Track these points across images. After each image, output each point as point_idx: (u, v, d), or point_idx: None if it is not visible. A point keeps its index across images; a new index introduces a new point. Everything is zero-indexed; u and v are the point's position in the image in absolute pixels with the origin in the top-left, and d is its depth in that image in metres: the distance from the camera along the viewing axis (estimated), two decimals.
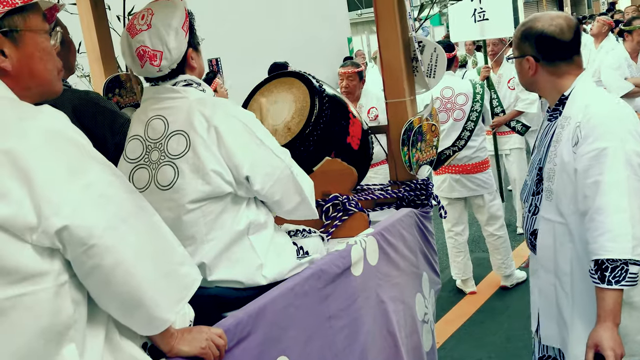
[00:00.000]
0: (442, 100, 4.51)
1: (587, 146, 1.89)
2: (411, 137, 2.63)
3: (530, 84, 2.15)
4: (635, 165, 1.86)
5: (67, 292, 1.24)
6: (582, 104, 1.96)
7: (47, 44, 1.38)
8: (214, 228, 1.85)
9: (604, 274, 1.82)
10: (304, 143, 2.36)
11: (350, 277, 2.17)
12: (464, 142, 4.46)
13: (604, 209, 1.83)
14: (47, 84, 1.39)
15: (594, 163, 1.87)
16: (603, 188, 1.84)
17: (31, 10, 1.35)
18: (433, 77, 2.73)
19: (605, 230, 1.82)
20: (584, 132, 1.91)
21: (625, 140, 1.87)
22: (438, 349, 3.88)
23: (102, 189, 1.26)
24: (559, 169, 1.99)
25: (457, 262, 4.76)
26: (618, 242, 1.80)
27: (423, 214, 2.70)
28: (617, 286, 1.81)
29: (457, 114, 4.49)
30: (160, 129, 1.88)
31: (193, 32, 1.96)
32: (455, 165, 4.56)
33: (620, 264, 1.80)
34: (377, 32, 2.67)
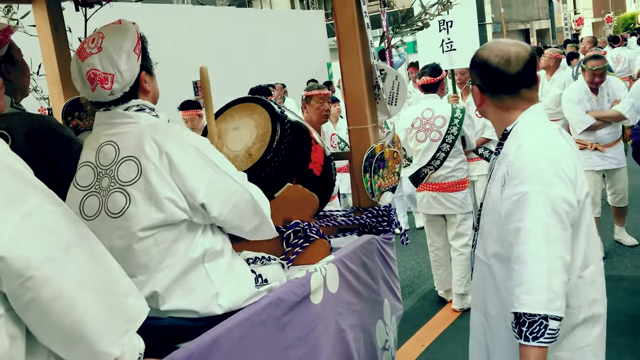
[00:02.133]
0: (422, 121, 4.73)
1: (510, 189, 1.79)
2: (373, 164, 2.63)
3: (482, 113, 2.05)
4: (562, 212, 1.74)
5: (3, 327, 1.19)
6: (517, 142, 1.85)
7: None
8: (168, 256, 1.81)
9: (521, 329, 1.71)
10: (265, 169, 2.34)
11: (309, 305, 2.14)
12: (440, 162, 4.66)
13: (522, 258, 1.73)
14: None
15: (514, 208, 1.77)
16: (522, 236, 1.73)
17: None
18: (395, 105, 2.75)
19: (522, 281, 1.71)
20: (511, 173, 1.81)
21: (551, 185, 1.75)
22: (423, 351, 4.12)
23: (41, 218, 1.21)
24: (489, 208, 1.92)
25: (438, 274, 5.02)
26: (533, 294, 1.69)
27: (385, 241, 2.70)
28: (535, 343, 1.69)
29: (434, 135, 4.68)
30: (111, 155, 1.84)
31: (146, 56, 1.93)
32: (432, 183, 4.74)
33: (539, 318, 1.68)
34: (339, 61, 2.69)
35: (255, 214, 1.93)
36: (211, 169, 1.84)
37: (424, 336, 4.44)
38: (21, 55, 2.32)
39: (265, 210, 1.96)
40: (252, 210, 1.92)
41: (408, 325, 4.56)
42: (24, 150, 2.10)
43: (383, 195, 2.74)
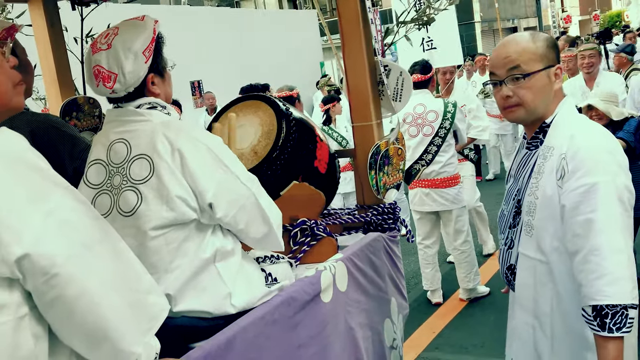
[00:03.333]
0: (413, 116, 4.75)
1: (575, 181, 1.74)
2: (378, 161, 2.62)
3: (545, 102, 1.90)
4: (626, 201, 1.73)
5: (27, 326, 1.16)
6: (567, 133, 1.82)
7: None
8: (178, 256, 1.78)
9: (604, 321, 1.67)
10: (271, 167, 2.32)
11: (320, 304, 2.12)
12: (432, 156, 4.65)
13: (600, 250, 1.68)
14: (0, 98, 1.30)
15: (584, 199, 1.72)
16: (597, 226, 1.69)
17: None
18: (399, 101, 2.74)
19: (603, 273, 1.67)
20: (571, 165, 1.76)
21: (616, 174, 1.73)
22: (435, 337, 4.27)
23: (65, 215, 1.18)
24: (541, 203, 1.85)
25: (426, 273, 5.00)
26: (618, 285, 1.66)
27: (390, 238, 2.68)
28: (619, 333, 1.66)
29: (426, 129, 4.69)
30: (122, 152, 1.81)
31: (159, 57, 1.89)
32: (424, 179, 4.74)
33: (620, 309, 1.66)
34: (343, 57, 2.67)
35: (262, 222, 1.89)
36: (221, 169, 1.81)
37: (434, 324, 4.57)
38: (26, 55, 2.29)
39: (273, 222, 1.91)
40: (259, 216, 1.88)
41: (419, 314, 4.79)
42: None
43: (388, 192, 2.73)
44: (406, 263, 6.01)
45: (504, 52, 1.91)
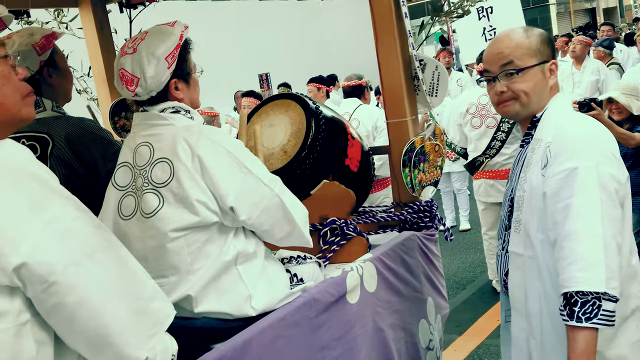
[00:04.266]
0: (477, 107, 4.66)
1: (556, 167, 1.69)
2: (413, 158, 2.56)
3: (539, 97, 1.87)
4: (611, 189, 1.66)
5: (29, 332, 1.20)
6: (554, 124, 1.79)
7: (1, 68, 1.34)
8: (200, 258, 1.80)
9: (572, 309, 1.58)
10: (301, 166, 2.31)
11: (345, 305, 2.10)
12: (496, 151, 4.58)
13: (575, 235, 1.61)
14: (6, 109, 1.34)
15: (563, 185, 1.66)
16: (574, 211, 1.62)
17: None
18: (435, 96, 2.67)
19: (576, 258, 1.59)
20: (554, 151, 1.72)
21: (599, 162, 1.66)
22: (485, 340, 4.18)
23: (65, 224, 1.22)
24: (528, 195, 1.80)
25: (491, 263, 4.92)
26: (590, 271, 1.57)
27: (427, 237, 2.62)
28: (588, 324, 1.56)
29: (489, 121, 4.61)
30: (146, 155, 1.85)
31: (183, 63, 1.91)
32: (489, 171, 4.66)
33: (592, 298, 1.56)
34: (376, 52, 2.62)
35: (286, 221, 1.89)
36: (242, 172, 1.82)
37: (483, 327, 4.46)
38: (65, 62, 2.37)
39: (297, 219, 1.90)
40: (283, 216, 1.88)
41: (483, 302, 4.80)
42: (64, 153, 2.15)
43: (424, 189, 2.67)
44: (472, 252, 5.95)
45: (497, 48, 1.89)
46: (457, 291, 5.21)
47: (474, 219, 6.14)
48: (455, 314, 4.72)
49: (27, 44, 2.18)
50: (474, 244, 5.95)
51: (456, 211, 7.16)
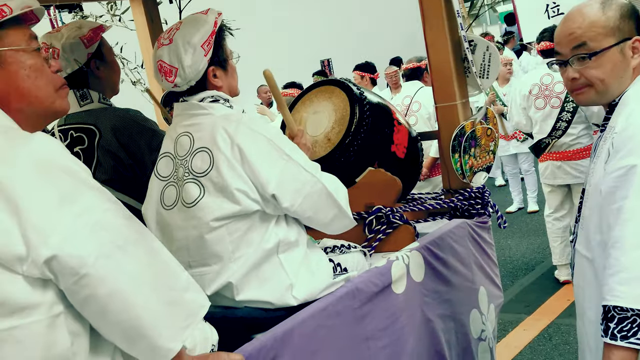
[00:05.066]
0: (540, 87, 4.55)
1: (616, 162, 1.50)
2: (463, 143, 2.47)
3: (619, 82, 1.62)
4: None
5: (63, 324, 1.21)
6: (627, 110, 1.56)
7: (35, 61, 1.35)
8: (241, 246, 1.79)
9: (608, 325, 1.43)
10: (344, 154, 2.27)
11: (391, 295, 2.05)
12: (562, 132, 4.45)
13: (621, 243, 1.44)
14: (40, 102, 1.35)
15: (620, 184, 1.48)
16: (624, 216, 1.45)
17: (9, 28, 1.32)
18: (486, 78, 2.56)
19: (619, 269, 1.43)
20: (616, 143, 1.52)
21: None
22: (570, 304, 4.14)
23: (96, 216, 1.21)
24: (592, 190, 1.63)
25: (554, 247, 4.80)
26: (631, 286, 1.41)
27: (479, 225, 2.54)
28: (624, 343, 1.40)
29: (554, 101, 4.49)
30: (186, 145, 1.85)
31: (219, 50, 1.89)
32: (556, 152, 4.53)
33: (632, 315, 1.40)
34: (424, 33, 2.53)
35: (330, 205, 1.86)
36: (282, 159, 1.79)
37: (569, 292, 4.35)
38: (112, 54, 2.40)
39: (341, 201, 1.88)
40: (327, 201, 1.85)
41: (553, 282, 4.75)
42: (111, 144, 2.18)
43: (476, 175, 2.58)
44: (540, 234, 5.81)
45: (567, 27, 1.65)
46: (525, 272, 5.15)
47: (542, 200, 6.03)
48: (524, 294, 4.72)
49: (74, 36, 2.22)
50: (543, 225, 5.83)
51: (523, 193, 7.04)
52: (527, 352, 3.80)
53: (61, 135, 2.23)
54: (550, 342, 3.86)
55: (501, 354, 3.79)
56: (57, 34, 2.22)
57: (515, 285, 4.92)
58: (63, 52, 2.19)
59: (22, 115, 1.33)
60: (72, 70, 2.21)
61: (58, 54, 2.19)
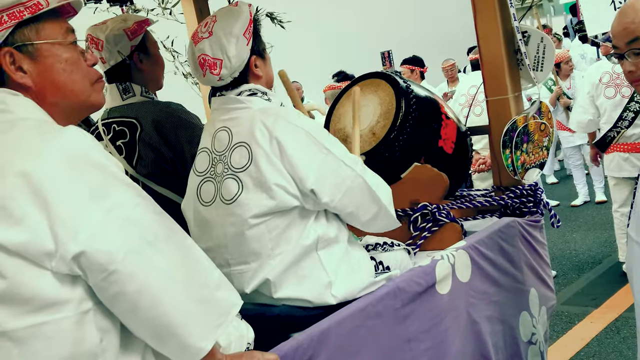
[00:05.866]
0: (611, 75, 4.41)
1: None
2: (514, 138, 2.37)
3: None
4: None
5: (92, 320, 1.19)
6: None
7: (71, 54, 1.34)
8: (280, 243, 1.75)
9: None
10: (389, 148, 2.20)
11: (435, 296, 1.98)
12: (628, 122, 4.26)
13: None
14: (75, 96, 1.35)
15: None
16: None
17: (45, 20, 1.31)
18: (540, 71, 2.44)
19: None
20: None
21: None
22: (623, 312, 4.04)
23: (126, 212, 1.19)
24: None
25: (622, 243, 4.59)
26: None
27: (530, 223, 2.42)
28: None
29: (624, 90, 4.32)
30: (224, 140, 1.82)
31: (258, 39, 1.88)
32: (623, 143, 4.35)
33: None
34: (474, 23, 2.43)
35: (371, 202, 1.81)
36: (322, 153, 1.75)
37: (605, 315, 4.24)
38: (156, 48, 2.40)
39: (383, 199, 1.82)
40: (368, 196, 1.80)
41: (621, 276, 4.54)
42: (152, 138, 2.18)
43: (528, 172, 2.47)
44: (608, 227, 5.62)
45: (621, 22, 1.63)
46: (592, 265, 5.03)
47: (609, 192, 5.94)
48: (590, 287, 4.62)
49: (119, 28, 2.22)
50: (610, 219, 5.69)
51: (589, 186, 6.90)
52: (595, 345, 3.72)
53: (104, 129, 2.24)
54: (618, 335, 3.78)
55: (568, 346, 3.74)
56: (102, 26, 2.24)
57: (581, 279, 4.81)
58: (107, 43, 2.19)
59: (56, 109, 1.33)
60: (115, 62, 2.22)
61: (102, 45, 2.20)
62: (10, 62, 1.28)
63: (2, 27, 1.26)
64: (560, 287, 4.66)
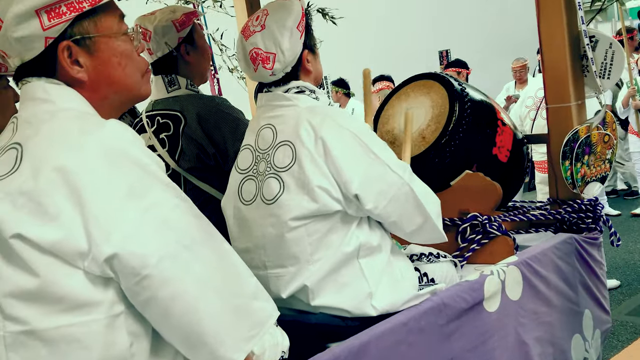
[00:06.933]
0: None
1: None
2: (575, 149, 2.22)
3: None
4: None
5: (123, 324, 1.13)
6: None
7: (125, 47, 1.28)
8: (320, 248, 1.67)
9: None
10: (440, 154, 2.09)
11: (482, 313, 1.86)
12: None
13: None
14: (128, 90, 1.29)
15: None
16: None
17: (103, 12, 1.25)
18: (607, 78, 2.28)
19: None
20: None
21: None
22: None
23: (164, 213, 1.12)
24: None
25: None
26: None
27: (588, 240, 2.27)
28: None
29: None
30: (269, 138, 1.75)
31: (309, 33, 1.81)
32: None
33: None
34: (537, 26, 2.29)
35: (416, 212, 1.70)
36: (369, 157, 1.65)
37: None
38: (204, 41, 2.35)
39: (430, 210, 1.71)
40: (414, 206, 1.69)
41: None
42: (195, 132, 2.13)
43: (588, 186, 2.31)
44: None
45: None
46: None
47: None
48: None
49: (167, 19, 2.18)
50: None
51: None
52: None
53: (148, 121, 2.20)
54: None
55: (632, 357, 3.49)
56: (150, 17, 2.19)
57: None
58: (155, 34, 2.15)
59: (105, 102, 1.27)
60: (162, 53, 2.17)
61: (150, 36, 2.16)
62: (67, 56, 1.23)
63: (61, 20, 1.20)
64: (624, 297, 4.53)
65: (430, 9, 10.35)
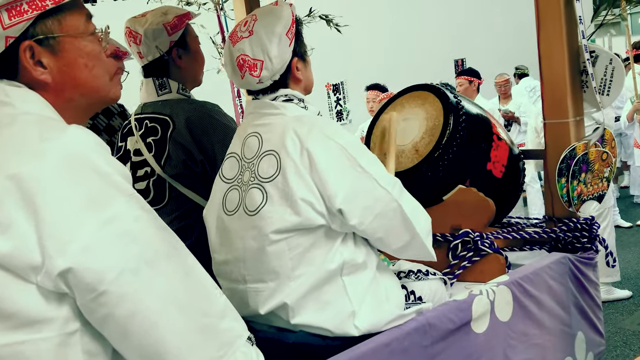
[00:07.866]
0: None
1: None
2: (572, 167, 2.16)
3: None
4: None
5: (78, 342, 1.06)
6: None
7: (92, 47, 1.22)
8: (302, 264, 1.61)
9: None
10: (433, 167, 2.03)
11: (469, 335, 1.80)
12: None
13: None
14: (95, 92, 1.24)
15: None
16: None
17: (68, 11, 1.19)
18: (607, 95, 2.22)
19: None
20: None
21: None
22: None
23: (124, 226, 1.06)
24: None
25: None
26: None
27: (583, 261, 2.21)
28: None
29: None
30: (254, 147, 1.70)
31: (300, 40, 1.76)
32: None
33: None
34: (537, 39, 2.24)
35: (404, 230, 1.64)
36: (355, 171, 1.60)
37: None
38: (197, 44, 2.29)
39: (419, 229, 1.65)
40: (401, 223, 1.63)
41: None
42: (184, 138, 2.08)
43: (585, 204, 2.25)
44: None
45: None
46: None
47: None
48: None
49: (158, 22, 2.13)
50: None
51: None
52: None
53: (136, 124, 2.15)
54: None
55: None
56: (141, 19, 2.15)
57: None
58: (145, 38, 2.10)
59: (70, 105, 1.21)
60: (153, 57, 2.12)
61: (140, 40, 2.11)
62: (29, 57, 1.18)
63: (23, 18, 1.15)
64: (636, 307, 4.59)
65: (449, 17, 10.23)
